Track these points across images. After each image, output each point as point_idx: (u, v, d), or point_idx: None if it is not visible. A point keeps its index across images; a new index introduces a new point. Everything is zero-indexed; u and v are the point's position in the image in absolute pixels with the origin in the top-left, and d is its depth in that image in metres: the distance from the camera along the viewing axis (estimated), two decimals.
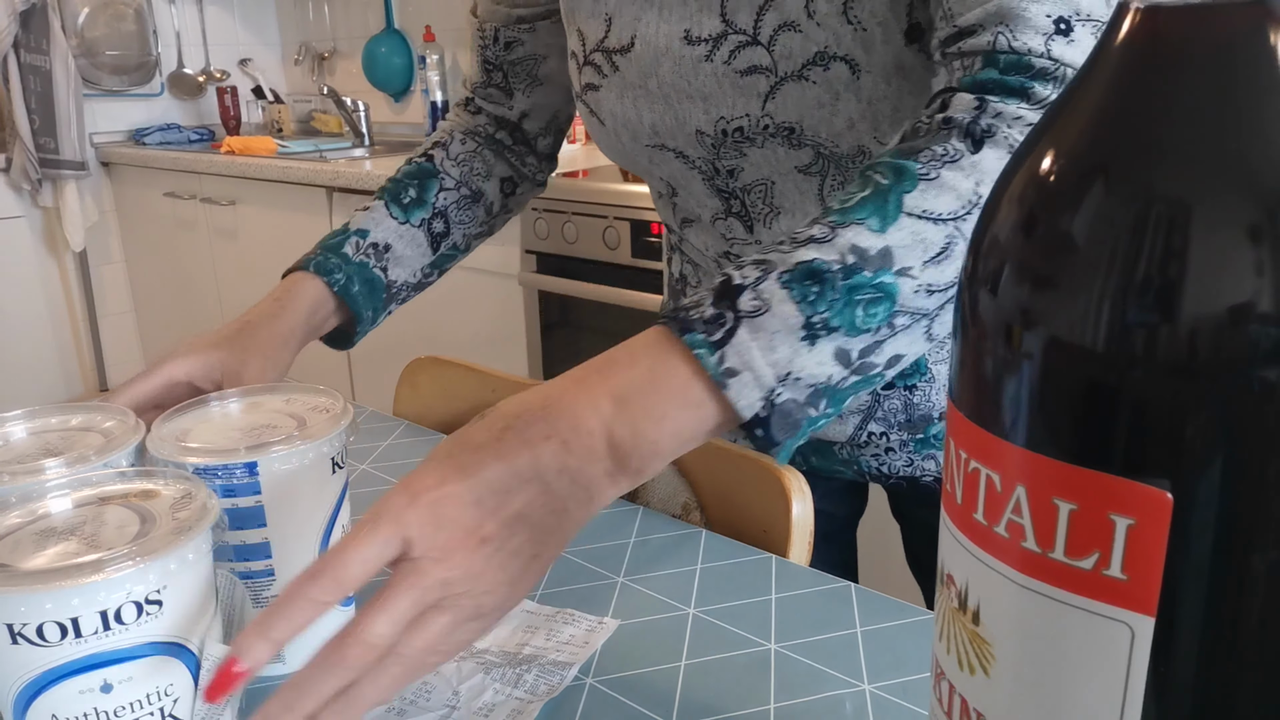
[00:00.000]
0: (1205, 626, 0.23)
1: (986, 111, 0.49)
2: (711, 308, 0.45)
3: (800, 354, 0.45)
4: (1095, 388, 0.23)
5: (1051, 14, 0.50)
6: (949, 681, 0.29)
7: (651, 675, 0.54)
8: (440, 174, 0.85)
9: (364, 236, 0.80)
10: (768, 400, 0.45)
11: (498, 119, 0.89)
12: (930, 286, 0.47)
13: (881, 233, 0.46)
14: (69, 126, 3.09)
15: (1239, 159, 0.22)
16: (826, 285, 0.45)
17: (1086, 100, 0.24)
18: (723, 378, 0.44)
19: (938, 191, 0.47)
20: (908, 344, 0.48)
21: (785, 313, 0.45)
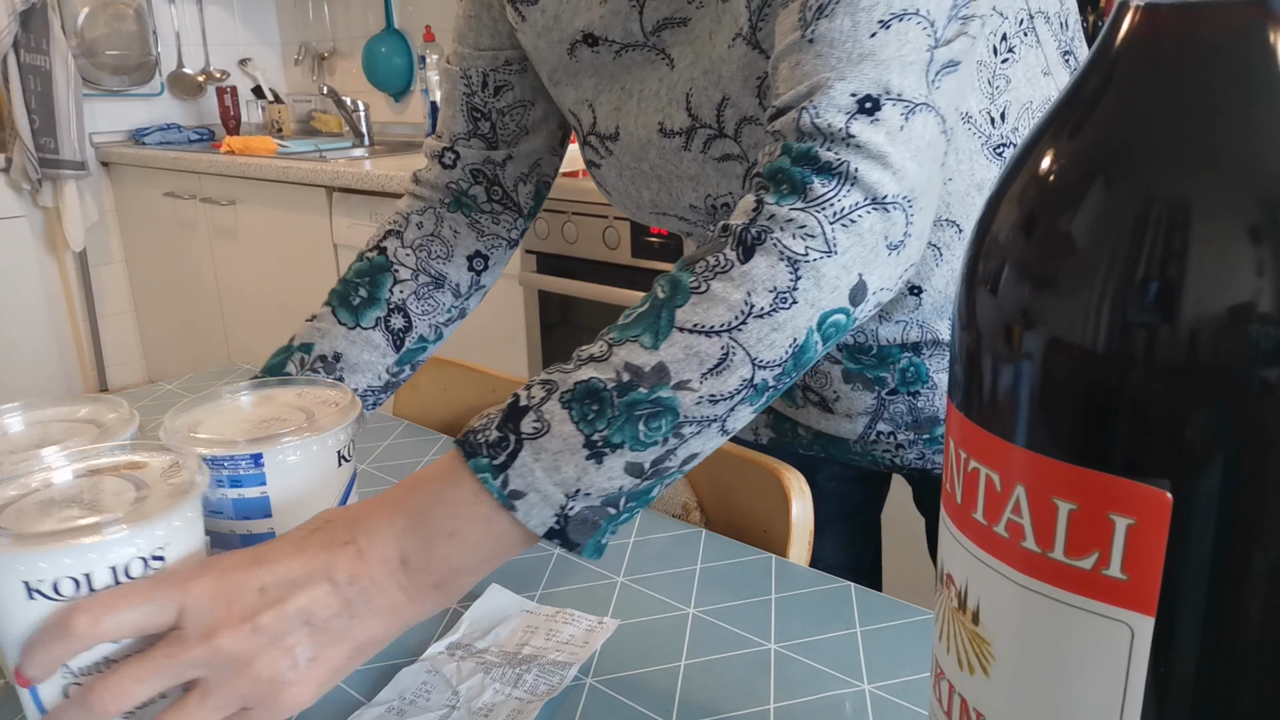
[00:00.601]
0: (1205, 626, 0.23)
1: (761, 215, 0.49)
2: (496, 430, 0.46)
3: (588, 472, 0.46)
4: (1095, 388, 0.23)
5: (858, 92, 0.50)
6: (949, 681, 0.29)
7: (651, 675, 0.54)
8: (394, 265, 0.79)
9: (308, 351, 0.75)
10: (560, 515, 0.46)
11: (475, 170, 0.82)
12: (713, 396, 0.47)
13: (654, 349, 0.46)
14: (69, 126, 3.09)
15: (1239, 159, 0.22)
16: (604, 403, 0.46)
17: (1086, 100, 0.24)
18: (509, 500, 0.46)
19: (708, 305, 0.47)
20: (701, 444, 0.49)
21: (565, 432, 0.46)
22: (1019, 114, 0.65)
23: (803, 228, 0.48)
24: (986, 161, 0.64)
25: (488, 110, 0.81)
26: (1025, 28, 0.64)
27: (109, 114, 3.40)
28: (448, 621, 0.60)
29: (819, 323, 0.48)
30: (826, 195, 0.48)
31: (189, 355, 3.31)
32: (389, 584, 0.46)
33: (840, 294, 0.48)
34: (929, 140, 0.50)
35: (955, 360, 0.28)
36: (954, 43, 0.52)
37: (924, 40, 0.50)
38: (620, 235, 1.86)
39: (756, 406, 0.49)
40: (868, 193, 0.48)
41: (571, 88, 0.74)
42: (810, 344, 0.49)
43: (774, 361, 0.48)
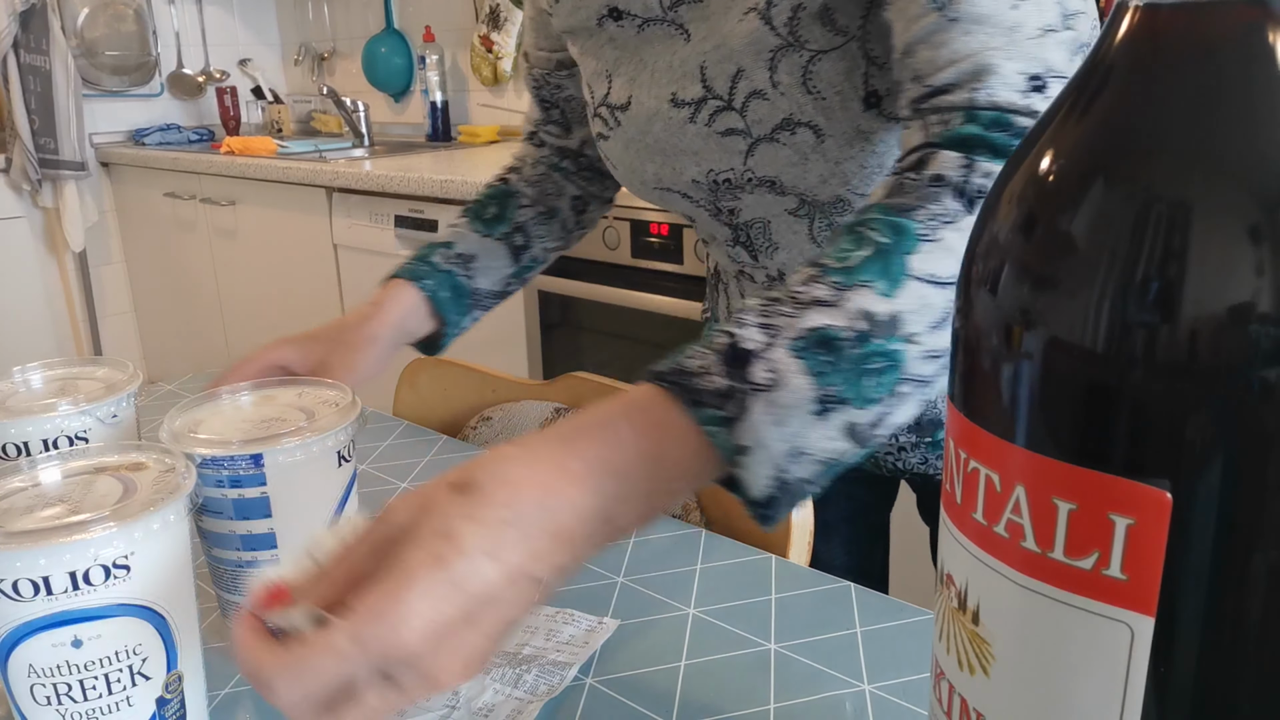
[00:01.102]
0: (1205, 626, 0.23)
1: (976, 171, 0.48)
2: (722, 378, 0.41)
3: (810, 429, 0.42)
4: (1095, 388, 0.23)
5: (1025, 71, 0.50)
6: (949, 681, 0.29)
7: (651, 675, 0.54)
8: (517, 193, 0.90)
9: (450, 247, 0.85)
10: (777, 478, 0.42)
11: (560, 149, 0.93)
12: (932, 352, 0.44)
13: (890, 297, 0.43)
14: (69, 127, 3.09)
15: (1239, 159, 0.22)
16: (840, 355, 0.42)
17: (1086, 100, 0.24)
18: (735, 456, 0.42)
19: (942, 254, 0.45)
20: (909, 411, 0.46)
21: (798, 385, 0.42)
22: None
23: None
24: None
25: (555, 100, 0.91)
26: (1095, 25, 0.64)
27: (109, 114, 3.40)
28: None
29: None
30: None
31: (189, 355, 3.31)
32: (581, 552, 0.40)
33: None
34: None
35: (955, 360, 0.28)
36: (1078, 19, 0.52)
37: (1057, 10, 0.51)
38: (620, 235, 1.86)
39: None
40: None
41: (594, 58, 0.77)
42: None
43: None
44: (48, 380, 0.65)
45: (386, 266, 2.39)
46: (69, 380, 0.65)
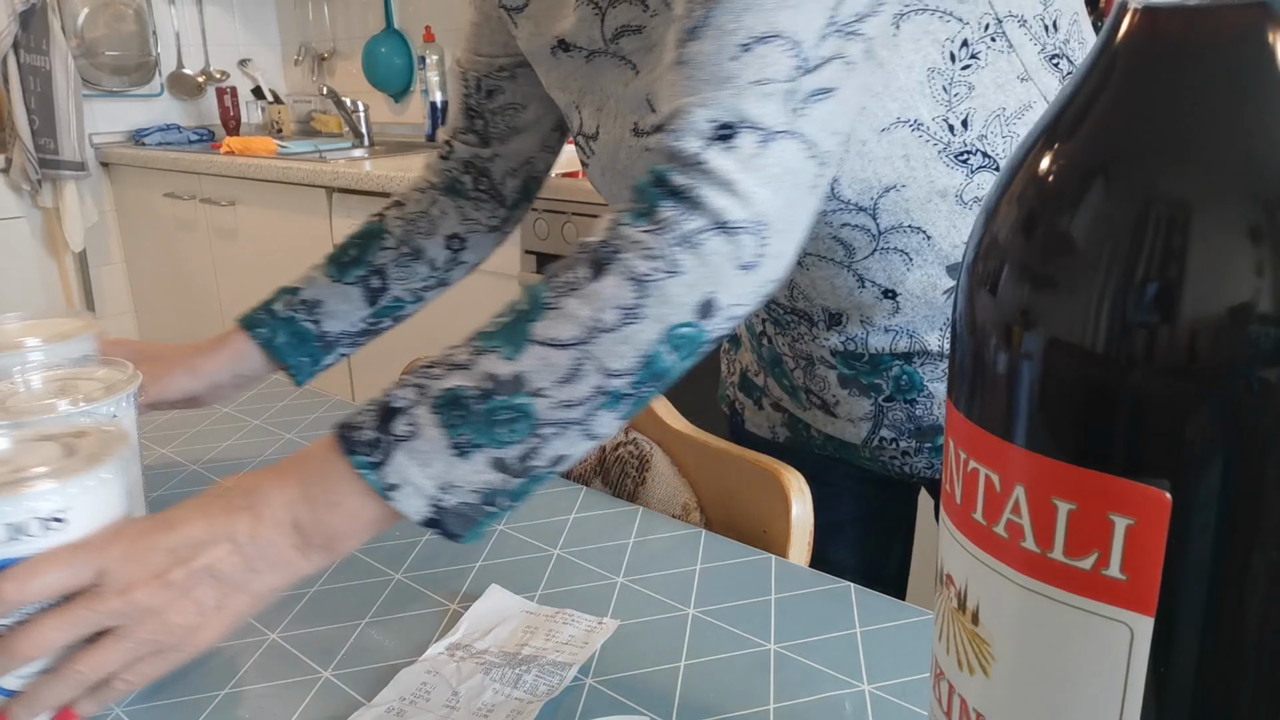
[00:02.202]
0: (1205, 626, 0.23)
1: (613, 235, 0.53)
2: (372, 431, 0.52)
3: (455, 467, 0.51)
4: (1095, 388, 0.23)
5: (716, 119, 0.52)
6: (948, 682, 0.29)
7: (651, 675, 0.54)
8: (384, 233, 0.89)
9: (295, 294, 0.86)
10: (434, 505, 0.52)
11: (466, 162, 0.90)
12: (567, 402, 0.52)
13: (512, 360, 0.51)
14: (69, 127, 3.09)
15: (1239, 159, 0.22)
16: (468, 411, 0.51)
17: (1086, 100, 0.24)
18: (386, 492, 0.51)
19: (560, 321, 0.52)
20: (566, 447, 0.53)
21: (433, 436, 0.51)
22: (987, 121, 0.64)
23: (648, 250, 0.52)
24: (947, 168, 0.64)
25: (481, 110, 0.88)
26: (993, 33, 0.63)
27: (109, 114, 3.40)
28: (448, 622, 0.60)
29: (666, 336, 0.52)
30: (671, 219, 0.52)
31: None
32: (282, 543, 0.52)
33: (686, 310, 0.52)
34: (788, 167, 0.52)
35: (954, 360, 0.28)
36: (825, 68, 0.53)
37: (787, 64, 0.52)
38: None
39: (622, 412, 0.53)
40: (712, 218, 0.51)
41: (561, 90, 0.77)
42: (659, 355, 0.52)
43: (624, 370, 0.52)
44: (47, 380, 0.65)
45: None
46: (69, 381, 0.65)
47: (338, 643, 0.58)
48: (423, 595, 0.63)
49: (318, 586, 0.64)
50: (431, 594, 0.63)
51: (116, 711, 0.53)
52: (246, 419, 0.95)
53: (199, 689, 0.54)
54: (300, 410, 0.97)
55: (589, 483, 0.83)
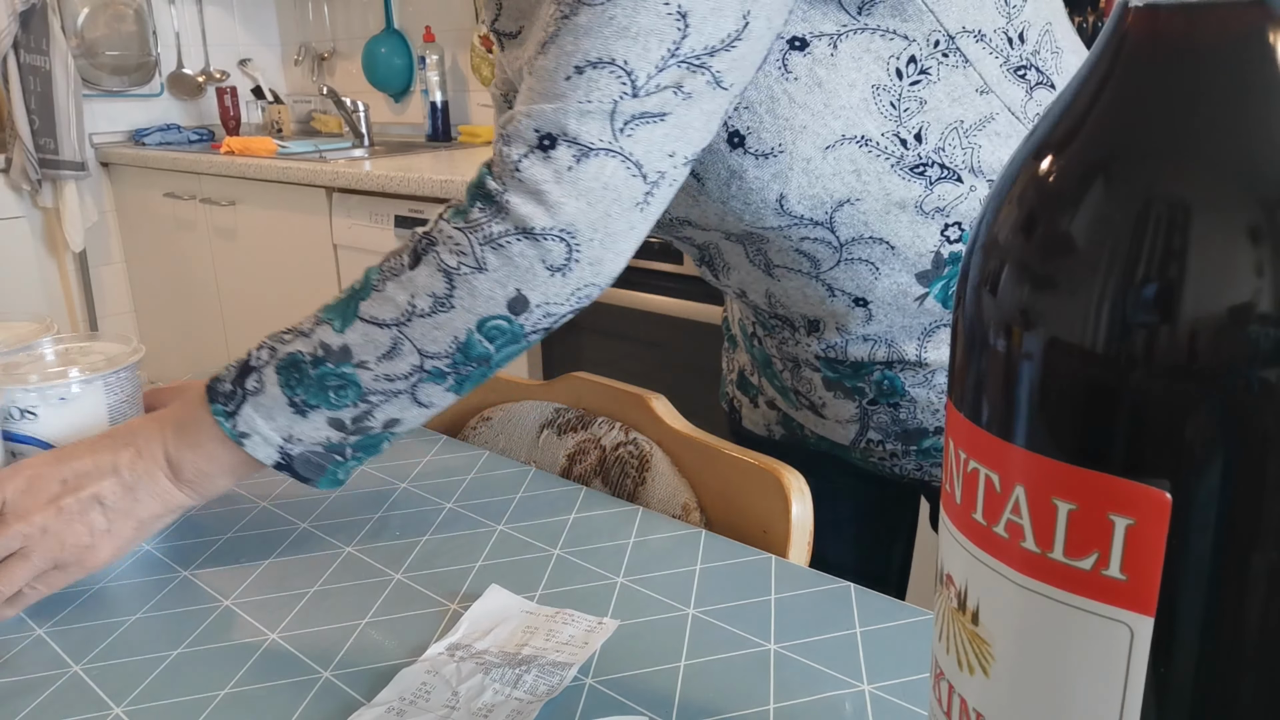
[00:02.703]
0: (1205, 626, 0.23)
1: (433, 229, 0.58)
2: (230, 384, 0.60)
3: (297, 423, 0.59)
4: (1095, 388, 0.23)
5: (540, 129, 0.56)
6: (948, 682, 0.29)
7: (651, 675, 0.54)
8: None
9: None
10: (282, 452, 0.60)
11: None
12: (389, 375, 0.58)
13: (341, 333, 0.58)
14: (69, 127, 3.09)
15: (1239, 159, 0.22)
16: (303, 374, 0.58)
17: (1086, 100, 0.24)
18: (238, 438, 0.60)
19: (382, 302, 0.58)
20: (397, 411, 0.60)
21: (275, 394, 0.59)
22: (944, 134, 0.64)
23: (458, 245, 0.56)
24: (903, 181, 0.64)
25: None
26: (944, 49, 0.63)
27: (109, 114, 3.40)
28: (448, 622, 0.60)
29: (478, 325, 0.57)
30: (480, 220, 0.56)
31: (189, 355, 3.31)
32: (159, 475, 0.61)
33: (496, 304, 0.57)
34: (605, 183, 0.56)
35: (954, 360, 0.28)
36: (657, 95, 0.56)
37: (615, 89, 0.55)
38: None
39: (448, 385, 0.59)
40: (517, 223, 0.56)
41: None
42: (473, 342, 0.57)
43: (440, 353, 0.57)
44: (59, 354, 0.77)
45: None
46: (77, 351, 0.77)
47: (338, 643, 0.58)
48: (423, 595, 0.63)
49: (318, 586, 0.64)
50: (431, 594, 0.63)
51: (116, 711, 0.53)
52: None
53: (199, 689, 0.54)
54: None
55: (589, 483, 0.83)
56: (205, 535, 0.72)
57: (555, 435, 0.88)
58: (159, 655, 0.58)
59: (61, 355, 0.77)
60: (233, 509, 0.76)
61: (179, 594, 0.64)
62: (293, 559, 0.68)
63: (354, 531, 0.72)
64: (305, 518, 0.74)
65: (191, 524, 0.74)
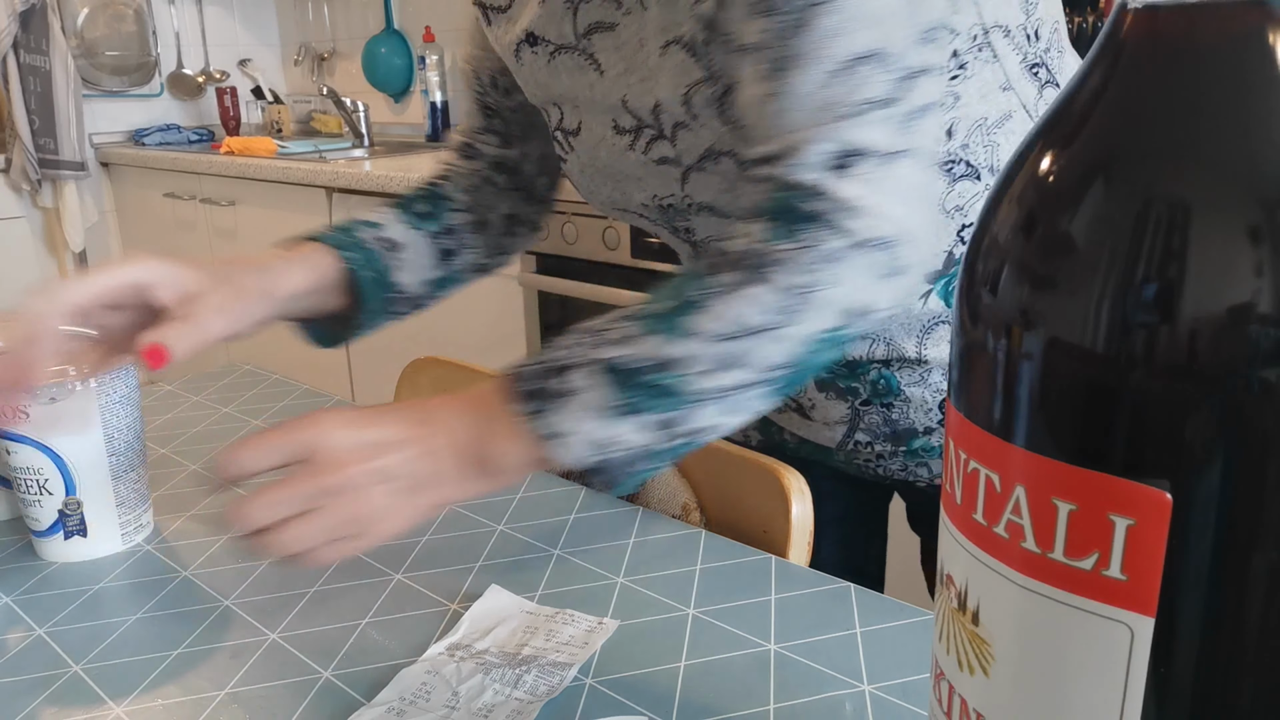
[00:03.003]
0: (1205, 626, 0.23)
1: (760, 251, 0.55)
2: (539, 382, 0.56)
3: (608, 427, 0.55)
4: (1095, 388, 0.23)
5: (829, 152, 0.54)
6: (949, 682, 0.29)
7: (651, 675, 0.54)
8: (449, 198, 0.83)
9: (375, 228, 0.77)
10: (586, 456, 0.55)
11: (496, 162, 0.86)
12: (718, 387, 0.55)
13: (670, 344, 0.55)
14: (68, 127, 3.09)
15: (1238, 159, 0.22)
16: (624, 381, 0.55)
17: (1086, 100, 0.24)
18: (544, 439, 0.55)
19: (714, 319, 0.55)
20: (713, 419, 0.57)
21: (591, 398, 0.55)
22: (970, 130, 0.65)
23: (797, 264, 0.54)
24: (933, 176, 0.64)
25: (499, 109, 0.84)
26: (980, 43, 0.63)
27: (109, 114, 3.40)
28: (448, 622, 0.60)
29: (814, 338, 0.55)
30: (812, 239, 0.54)
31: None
32: (453, 464, 0.56)
33: (832, 316, 0.55)
34: (911, 183, 0.55)
35: (955, 361, 0.28)
36: (920, 80, 0.55)
37: (883, 81, 0.54)
38: (620, 236, 1.86)
39: (769, 395, 0.56)
40: (849, 237, 0.54)
41: (535, 86, 0.76)
42: (806, 354, 0.55)
43: (772, 367, 0.55)
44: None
45: None
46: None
47: (338, 643, 0.58)
48: (423, 595, 0.63)
49: (318, 586, 0.64)
50: (431, 594, 0.63)
51: (117, 711, 0.53)
52: (246, 419, 0.95)
53: (199, 689, 0.54)
54: (301, 410, 0.97)
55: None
56: (205, 535, 0.72)
57: None
58: (159, 655, 0.58)
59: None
60: None
61: (179, 594, 0.64)
62: None
63: None
64: None
65: (192, 524, 0.74)
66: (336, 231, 0.76)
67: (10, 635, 0.60)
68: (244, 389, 1.04)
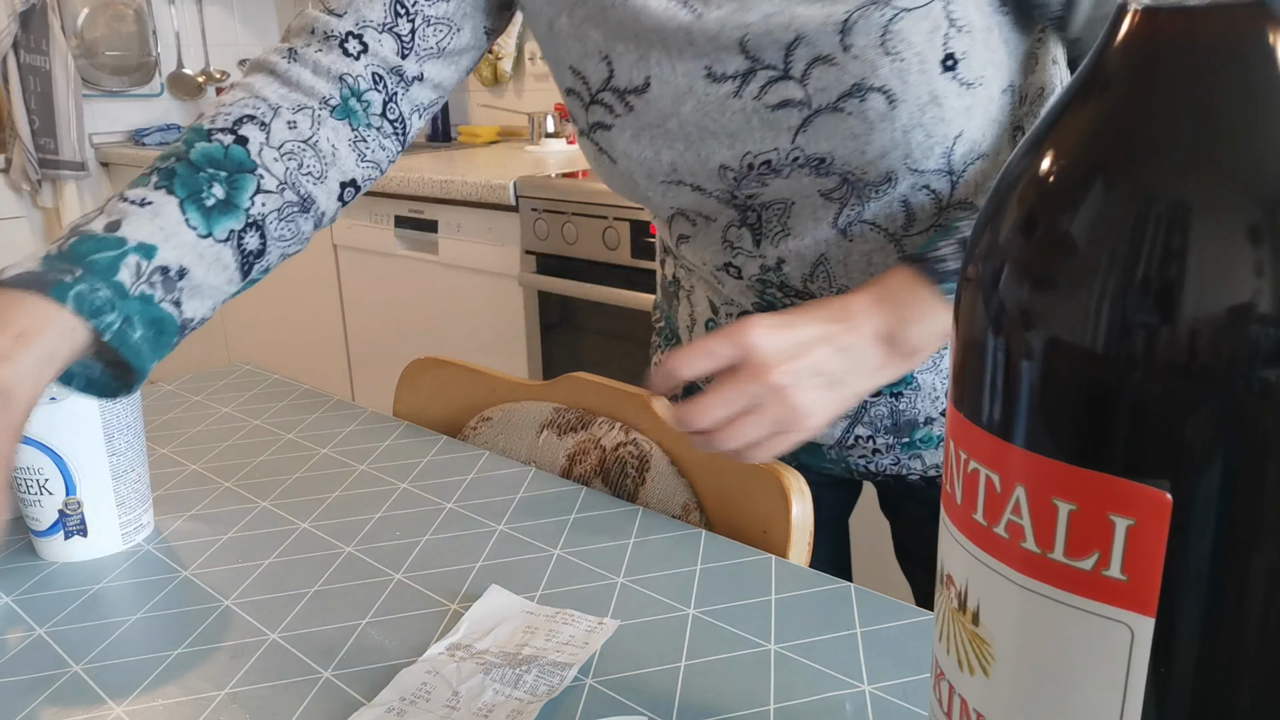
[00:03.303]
0: (1205, 627, 0.23)
1: None
2: (954, 262, 0.60)
3: None
4: (1095, 388, 0.23)
5: None
6: (949, 682, 0.29)
7: (651, 675, 0.54)
8: (258, 168, 0.63)
9: (148, 256, 0.57)
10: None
11: (377, 75, 0.67)
12: None
13: None
14: (68, 127, 3.09)
15: (1238, 160, 0.22)
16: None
17: (1086, 100, 0.25)
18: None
19: None
20: None
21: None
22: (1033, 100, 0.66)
23: None
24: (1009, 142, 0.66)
25: (413, 10, 0.67)
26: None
27: (109, 114, 3.40)
28: (448, 622, 0.60)
29: None
30: None
31: (189, 355, 3.31)
32: (875, 352, 0.60)
33: None
34: None
35: (955, 361, 0.28)
36: None
37: None
38: (620, 236, 1.86)
39: None
40: None
41: (576, 40, 0.68)
42: None
43: None
44: None
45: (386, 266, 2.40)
46: None
47: (338, 643, 0.58)
48: (423, 595, 0.63)
49: (318, 586, 0.64)
50: (431, 594, 0.63)
51: (117, 711, 0.53)
52: (246, 419, 0.95)
53: (199, 689, 0.54)
54: (301, 410, 0.97)
55: (589, 483, 0.83)
56: (205, 535, 0.72)
57: (555, 435, 0.88)
58: (159, 655, 0.58)
59: None
60: (233, 509, 0.76)
61: (179, 594, 0.64)
62: (293, 559, 0.68)
63: (354, 531, 0.72)
64: (305, 518, 0.74)
65: (192, 524, 0.74)
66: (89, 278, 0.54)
67: (10, 635, 0.60)
68: (244, 389, 1.04)
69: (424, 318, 2.28)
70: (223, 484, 0.81)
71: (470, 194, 2.05)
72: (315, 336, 2.67)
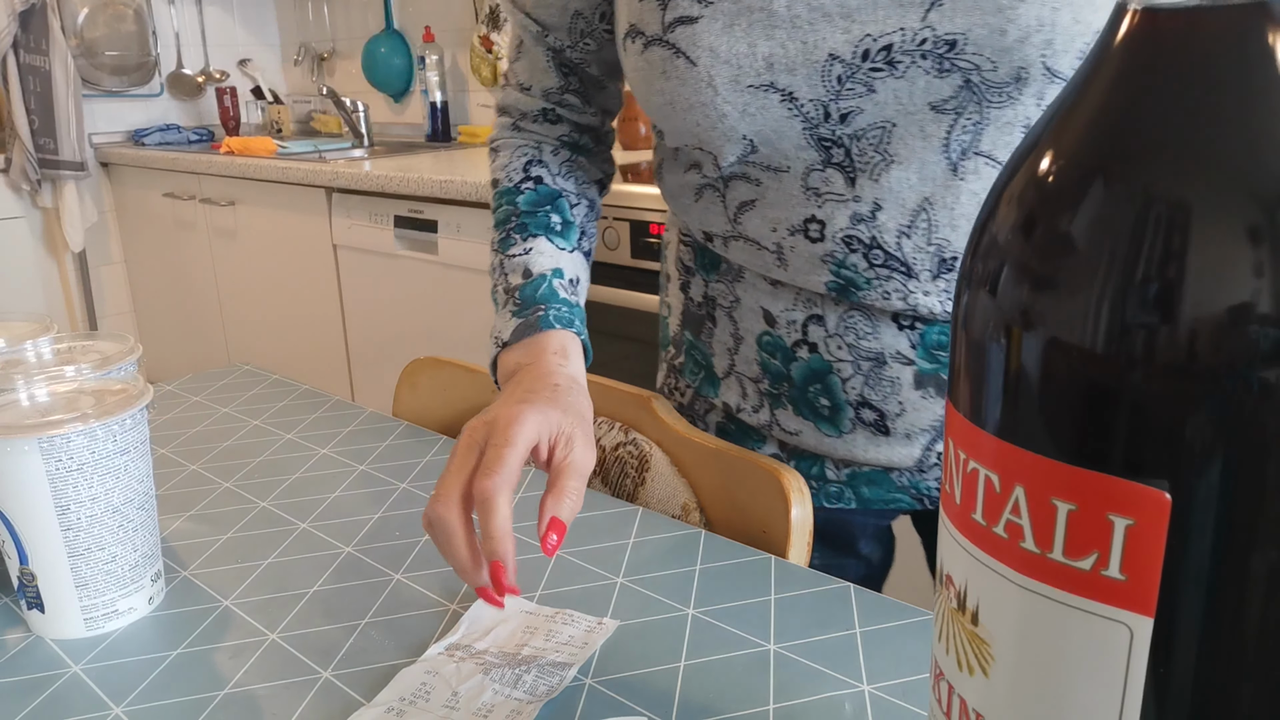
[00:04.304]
0: (1204, 626, 0.23)
1: None
2: None
3: None
4: (1094, 388, 0.23)
5: None
6: (948, 682, 0.29)
7: (651, 676, 0.54)
8: (562, 192, 0.79)
9: (561, 276, 0.74)
10: None
11: (580, 125, 0.83)
12: None
13: None
14: (68, 127, 3.09)
15: (1238, 160, 0.22)
16: None
17: (1086, 100, 0.25)
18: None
19: None
20: None
21: None
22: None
23: None
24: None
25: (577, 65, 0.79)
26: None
27: (108, 114, 3.40)
28: (448, 622, 0.60)
29: None
30: None
31: (189, 356, 3.31)
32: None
33: None
34: None
35: (954, 360, 0.28)
36: None
37: None
38: (620, 235, 1.86)
39: None
40: None
41: None
42: None
43: None
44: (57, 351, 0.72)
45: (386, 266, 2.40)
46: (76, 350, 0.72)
47: (338, 643, 0.58)
48: (423, 595, 0.63)
49: (318, 586, 0.64)
50: (431, 594, 0.63)
51: (116, 711, 0.53)
52: (246, 419, 0.95)
53: (199, 689, 0.54)
54: (301, 410, 0.97)
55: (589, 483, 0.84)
56: (205, 535, 0.72)
57: None
58: (159, 655, 0.58)
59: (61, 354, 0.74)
60: (233, 509, 0.76)
61: (179, 594, 0.64)
62: (293, 559, 0.68)
63: (354, 531, 0.72)
64: (305, 518, 0.74)
65: (191, 524, 0.74)
66: (557, 305, 0.72)
67: (10, 635, 0.60)
68: (244, 389, 1.04)
69: (424, 318, 2.28)
70: (222, 484, 0.81)
71: (470, 194, 2.05)
72: (315, 336, 2.67)
